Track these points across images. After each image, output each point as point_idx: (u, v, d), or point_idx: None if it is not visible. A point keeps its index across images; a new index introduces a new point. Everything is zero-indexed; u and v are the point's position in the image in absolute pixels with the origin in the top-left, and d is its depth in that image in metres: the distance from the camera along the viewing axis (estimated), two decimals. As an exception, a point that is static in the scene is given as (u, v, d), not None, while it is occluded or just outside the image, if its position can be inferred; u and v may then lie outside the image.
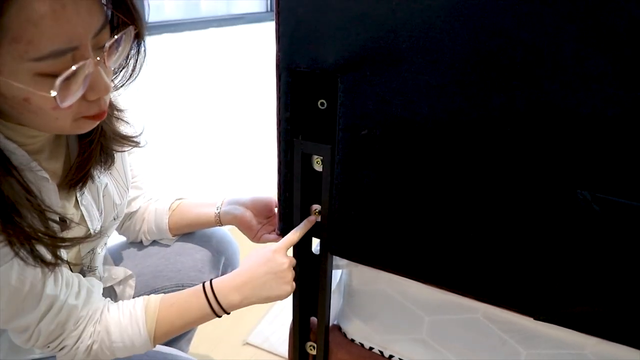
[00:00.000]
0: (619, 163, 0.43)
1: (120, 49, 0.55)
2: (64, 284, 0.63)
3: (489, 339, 0.61)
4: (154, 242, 0.96)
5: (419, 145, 0.52)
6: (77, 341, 0.65)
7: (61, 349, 0.65)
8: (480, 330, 0.61)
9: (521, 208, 0.49)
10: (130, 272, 0.90)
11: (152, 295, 0.72)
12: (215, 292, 0.70)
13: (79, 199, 0.68)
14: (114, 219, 0.79)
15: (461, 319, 0.62)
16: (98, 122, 0.58)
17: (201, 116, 1.96)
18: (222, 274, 0.99)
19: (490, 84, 0.46)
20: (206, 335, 1.39)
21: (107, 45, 0.52)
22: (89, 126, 0.57)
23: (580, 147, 0.44)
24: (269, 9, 2.44)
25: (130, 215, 0.92)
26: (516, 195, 0.48)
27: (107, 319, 0.67)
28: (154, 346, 0.70)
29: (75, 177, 0.66)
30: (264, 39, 2.21)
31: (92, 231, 0.71)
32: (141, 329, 0.68)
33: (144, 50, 0.62)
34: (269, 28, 0.57)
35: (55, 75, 0.47)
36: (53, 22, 0.45)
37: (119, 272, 0.89)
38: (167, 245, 0.95)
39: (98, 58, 0.51)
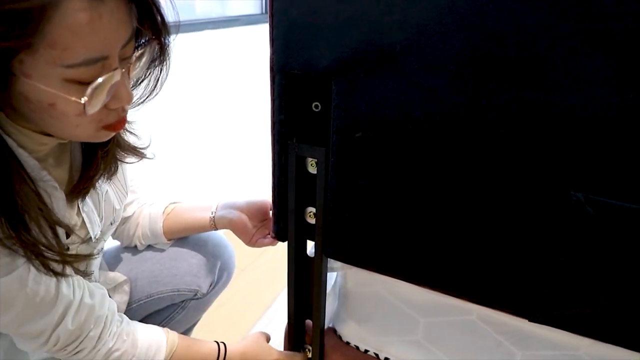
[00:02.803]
0: (613, 165, 0.43)
1: (143, 60, 0.56)
2: (76, 286, 0.63)
3: (484, 341, 0.61)
4: (149, 247, 0.95)
5: (413, 147, 0.52)
6: (96, 342, 0.65)
7: (78, 352, 0.64)
8: (475, 332, 0.61)
9: (515, 210, 0.49)
10: (125, 277, 0.90)
11: (169, 329, 0.75)
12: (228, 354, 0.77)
13: (80, 205, 0.68)
14: (111, 224, 0.79)
15: (456, 321, 0.62)
16: (115, 133, 0.59)
17: (196, 118, 1.96)
18: (218, 278, 0.99)
19: (485, 85, 0.46)
20: (201, 338, 1.39)
21: (133, 57, 0.53)
22: (106, 136, 0.58)
23: (574, 149, 0.44)
24: (263, 10, 2.45)
25: (124, 220, 0.91)
26: (510, 197, 0.49)
27: (135, 333, 0.69)
28: None
29: (82, 186, 0.66)
30: (258, 41, 2.21)
31: (93, 237, 0.71)
32: (160, 354, 0.70)
33: (167, 67, 0.62)
34: (264, 30, 0.57)
35: (81, 83, 0.48)
36: (90, 31, 0.46)
37: (114, 277, 0.89)
38: (162, 250, 0.95)
39: (123, 69, 0.52)
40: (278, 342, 0.82)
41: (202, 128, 2.01)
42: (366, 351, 0.72)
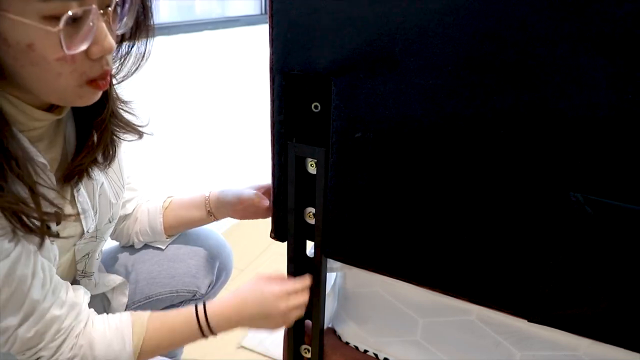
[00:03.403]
0: (612, 165, 0.43)
1: (125, 12, 0.56)
2: (51, 291, 0.61)
3: (483, 341, 0.61)
4: (147, 247, 0.95)
5: (413, 147, 0.52)
6: (54, 353, 0.62)
7: (37, 358, 0.62)
8: (475, 332, 0.61)
9: (514, 210, 0.49)
10: (123, 279, 0.89)
11: (140, 312, 0.70)
12: (209, 319, 0.70)
13: (75, 194, 0.67)
14: (110, 221, 0.78)
15: (455, 321, 0.62)
16: (100, 93, 0.58)
17: (195, 119, 1.96)
18: (216, 279, 0.99)
19: (484, 86, 0.46)
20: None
21: (114, 2, 0.53)
22: (91, 96, 0.57)
23: (572, 149, 0.44)
24: (263, 11, 2.44)
25: (123, 218, 0.91)
26: (510, 197, 0.49)
27: (92, 333, 0.65)
28: None
29: (76, 166, 0.65)
30: (258, 42, 2.21)
31: (85, 231, 0.70)
32: (127, 345, 0.66)
33: (152, 31, 0.62)
34: (264, 31, 0.57)
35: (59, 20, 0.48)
36: None
37: (113, 279, 0.88)
38: (161, 250, 0.94)
39: (102, 11, 0.51)
40: (278, 341, 0.81)
41: (202, 128, 2.01)
42: (365, 351, 0.72)
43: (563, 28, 0.41)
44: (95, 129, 0.66)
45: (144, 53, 0.64)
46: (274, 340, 1.41)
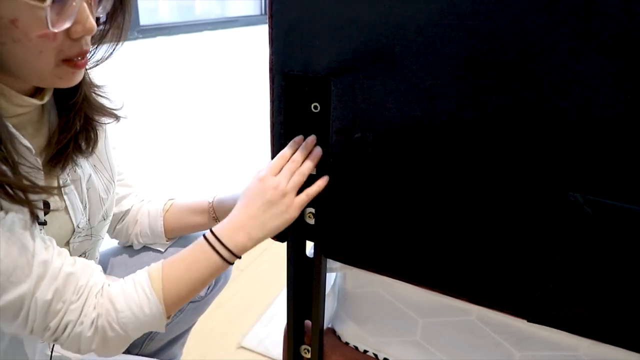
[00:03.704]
0: (611, 165, 0.43)
1: (104, 1, 0.58)
2: (56, 253, 0.59)
3: (483, 341, 0.61)
4: (146, 248, 0.95)
5: (412, 148, 0.52)
6: (80, 314, 0.59)
7: (65, 328, 0.59)
8: (474, 333, 0.61)
9: (514, 210, 0.49)
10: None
11: (152, 264, 0.67)
12: (219, 236, 0.64)
13: (62, 184, 0.67)
14: (104, 219, 0.78)
15: (455, 321, 0.62)
16: (79, 73, 0.59)
17: (195, 119, 1.96)
18: (215, 281, 0.99)
19: (483, 87, 0.46)
20: (200, 339, 1.39)
21: None
22: (70, 77, 0.58)
23: (572, 150, 0.44)
24: (263, 12, 2.45)
25: (122, 217, 0.91)
26: (509, 197, 0.49)
27: (110, 291, 0.62)
28: (168, 314, 0.65)
29: (58, 149, 0.65)
30: (258, 42, 2.21)
31: (75, 225, 0.70)
32: (147, 291, 0.63)
33: (129, 14, 0.64)
34: (264, 31, 0.57)
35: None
36: None
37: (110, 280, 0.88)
38: (160, 252, 0.94)
39: None
40: (278, 342, 0.81)
41: (202, 129, 2.01)
42: (365, 351, 0.72)
43: (562, 28, 0.41)
44: (71, 113, 0.67)
45: (120, 37, 0.65)
46: (274, 340, 1.41)
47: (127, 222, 0.92)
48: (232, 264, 0.66)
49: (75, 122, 0.67)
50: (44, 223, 0.61)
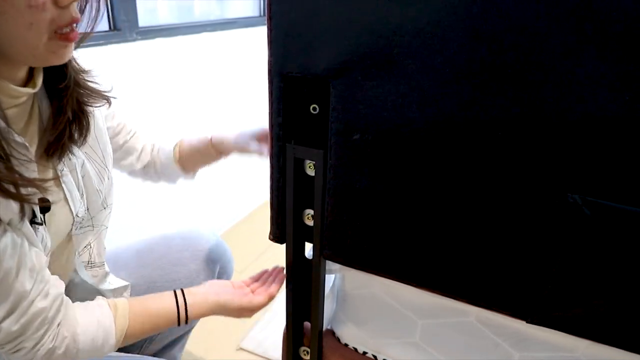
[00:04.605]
0: (610, 166, 0.43)
1: None
2: (38, 281, 0.61)
3: (481, 342, 0.61)
4: (149, 251, 0.95)
5: (411, 149, 0.52)
6: (36, 344, 0.62)
7: (17, 350, 0.62)
8: (473, 334, 0.61)
9: (513, 211, 0.49)
10: (126, 282, 0.89)
11: (121, 301, 0.73)
12: (189, 317, 0.77)
13: (59, 174, 0.67)
14: (104, 207, 0.78)
15: (454, 323, 0.62)
16: (70, 47, 0.59)
17: (194, 120, 1.96)
18: None
19: (482, 88, 0.46)
20: (199, 340, 1.38)
21: None
22: (63, 51, 0.58)
23: (571, 151, 0.44)
24: (262, 13, 2.45)
25: (130, 151, 0.93)
26: (507, 198, 0.49)
27: (75, 326, 0.66)
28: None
29: (55, 137, 0.65)
30: (257, 44, 2.21)
31: (74, 214, 0.70)
32: (110, 339, 0.69)
33: None
34: (262, 33, 0.57)
35: None
36: None
37: (116, 280, 0.88)
38: (163, 256, 0.95)
39: None
40: (277, 343, 0.82)
41: (201, 130, 2.01)
42: (364, 353, 0.72)
43: (562, 29, 0.41)
44: (63, 98, 0.67)
45: (98, 9, 0.66)
46: (273, 342, 1.41)
47: (137, 153, 0.95)
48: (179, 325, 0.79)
49: (68, 105, 0.67)
50: (41, 223, 0.61)
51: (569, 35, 0.41)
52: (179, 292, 0.79)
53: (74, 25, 0.57)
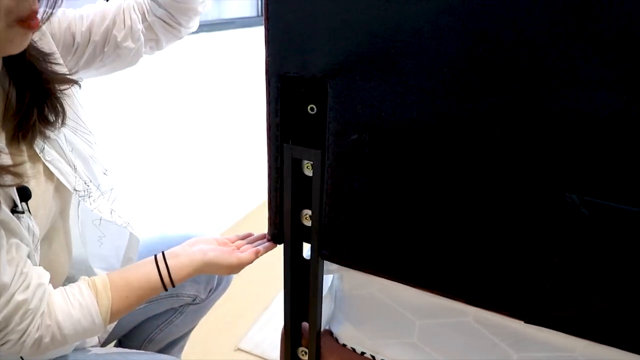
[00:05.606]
0: (608, 166, 0.43)
1: None
2: (19, 273, 0.61)
3: (479, 342, 0.61)
4: (150, 250, 0.94)
5: (409, 149, 0.52)
6: (22, 335, 0.62)
7: (4, 343, 0.62)
8: (471, 334, 0.61)
9: (511, 211, 0.49)
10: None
11: (99, 279, 0.71)
12: (174, 281, 0.75)
13: (40, 155, 0.67)
14: (104, 174, 0.78)
15: (452, 323, 0.62)
16: (31, 35, 0.58)
17: (191, 121, 1.96)
18: (217, 284, 0.99)
19: (480, 87, 0.46)
20: (198, 341, 1.38)
21: None
22: (21, 38, 0.57)
23: (569, 150, 0.44)
24: (259, 13, 2.45)
25: (113, 24, 0.83)
26: (505, 198, 0.49)
27: (57, 314, 0.66)
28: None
29: (20, 118, 0.64)
30: (254, 44, 2.21)
31: (72, 188, 0.70)
32: (95, 319, 0.69)
33: None
34: (260, 33, 0.57)
35: None
36: None
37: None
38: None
39: None
40: (275, 344, 0.81)
41: (198, 130, 2.01)
42: (362, 353, 0.72)
43: (559, 28, 0.41)
44: (23, 79, 0.66)
45: None
46: (271, 343, 1.41)
47: (116, 25, 0.83)
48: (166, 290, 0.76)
49: (28, 90, 0.66)
50: (22, 212, 0.61)
51: (568, 34, 0.41)
52: (159, 257, 0.76)
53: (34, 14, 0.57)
